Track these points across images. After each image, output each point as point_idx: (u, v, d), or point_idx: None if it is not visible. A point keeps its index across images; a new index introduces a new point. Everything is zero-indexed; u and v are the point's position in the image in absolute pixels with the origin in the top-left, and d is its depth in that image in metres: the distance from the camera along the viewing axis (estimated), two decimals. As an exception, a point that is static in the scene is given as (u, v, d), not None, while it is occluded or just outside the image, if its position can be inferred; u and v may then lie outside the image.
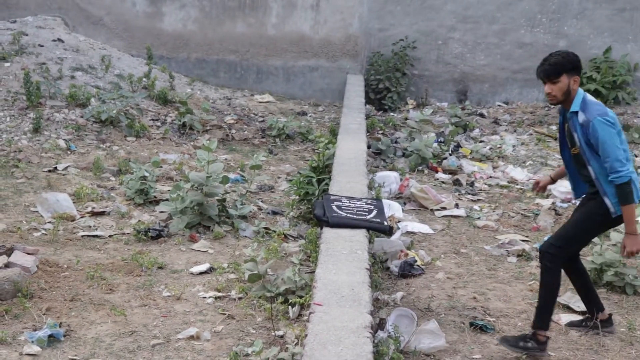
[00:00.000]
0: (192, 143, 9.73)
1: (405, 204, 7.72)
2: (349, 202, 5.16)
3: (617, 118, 4.24)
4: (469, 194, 8.31)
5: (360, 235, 4.62)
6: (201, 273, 5.46)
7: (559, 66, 4.19)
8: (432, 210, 7.60)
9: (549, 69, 4.21)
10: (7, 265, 5.04)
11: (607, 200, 4.24)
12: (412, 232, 6.81)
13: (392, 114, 12.81)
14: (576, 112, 4.23)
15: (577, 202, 4.76)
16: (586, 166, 4.27)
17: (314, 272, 4.20)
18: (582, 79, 13.16)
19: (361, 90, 12.05)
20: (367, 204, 5.18)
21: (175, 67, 13.36)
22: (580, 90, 4.29)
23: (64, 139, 8.86)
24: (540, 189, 4.85)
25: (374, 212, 5.01)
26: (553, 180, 4.80)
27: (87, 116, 9.45)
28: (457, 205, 7.72)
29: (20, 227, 6.15)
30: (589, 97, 4.28)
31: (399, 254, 6.02)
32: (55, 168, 7.95)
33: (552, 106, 4.60)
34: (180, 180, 7.44)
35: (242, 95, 13.50)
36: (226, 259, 5.82)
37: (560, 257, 4.36)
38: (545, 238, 4.44)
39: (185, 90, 11.64)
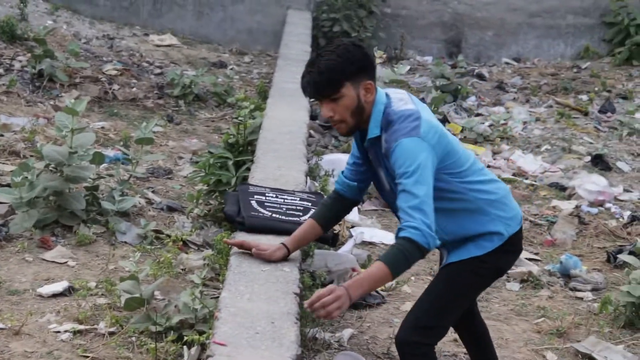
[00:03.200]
0: (51, 102, 9.61)
1: (363, 201, 7.76)
2: (276, 197, 5.16)
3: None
4: (456, 189, 8.42)
5: (291, 244, 4.63)
6: (55, 295, 5.40)
7: (336, 71, 3.80)
8: (402, 211, 7.65)
9: (320, 79, 3.82)
10: None
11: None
12: (370, 243, 6.86)
13: (351, 69, 12.84)
14: (378, 138, 3.91)
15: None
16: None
17: (220, 297, 4.20)
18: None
19: (307, 34, 12.08)
20: (302, 199, 5.19)
21: (31, -13, 13.19)
22: (380, 95, 3.95)
23: None
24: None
25: (312, 212, 5.02)
26: (289, 252, 4.37)
27: None
28: (438, 206, 7.79)
29: None
30: (395, 97, 3.95)
31: (349, 274, 6.03)
32: None
33: (345, 137, 4.03)
34: (31, 156, 7.35)
35: (132, 34, 13.38)
36: (95, 274, 5.78)
37: (431, 343, 4.10)
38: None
39: (43, 23, 11.48)
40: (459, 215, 4.00)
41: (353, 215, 7.23)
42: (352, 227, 7.03)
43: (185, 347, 4.66)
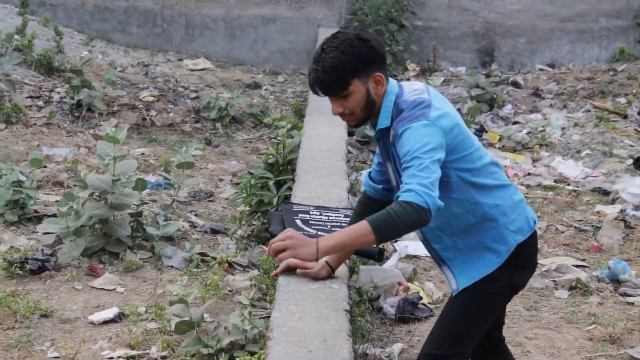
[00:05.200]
0: (91, 131, 9.69)
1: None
2: (320, 215, 5.16)
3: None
4: (498, 199, 8.39)
5: (338, 261, 4.63)
6: (106, 322, 5.45)
7: (342, 70, 3.64)
8: (445, 223, 7.64)
9: (326, 79, 3.66)
10: None
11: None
12: (415, 256, 6.85)
13: (386, 84, 12.87)
14: (388, 129, 3.76)
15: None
16: None
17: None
18: None
19: (340, 50, 12.07)
20: (346, 216, 5.18)
21: (64, 18, 13.34)
22: (392, 85, 3.79)
23: None
24: None
25: (347, 224, 5.02)
26: (332, 270, 4.18)
27: None
28: (481, 216, 7.77)
29: None
30: (408, 88, 3.78)
31: (396, 289, 6.04)
32: None
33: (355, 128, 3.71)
34: (74, 186, 7.41)
35: (166, 59, 13.48)
36: (143, 300, 5.82)
37: None
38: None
39: (79, 54, 11.59)
40: (461, 223, 3.82)
41: (396, 230, 7.23)
42: (396, 241, 7.03)
43: (237, 368, 4.70)
